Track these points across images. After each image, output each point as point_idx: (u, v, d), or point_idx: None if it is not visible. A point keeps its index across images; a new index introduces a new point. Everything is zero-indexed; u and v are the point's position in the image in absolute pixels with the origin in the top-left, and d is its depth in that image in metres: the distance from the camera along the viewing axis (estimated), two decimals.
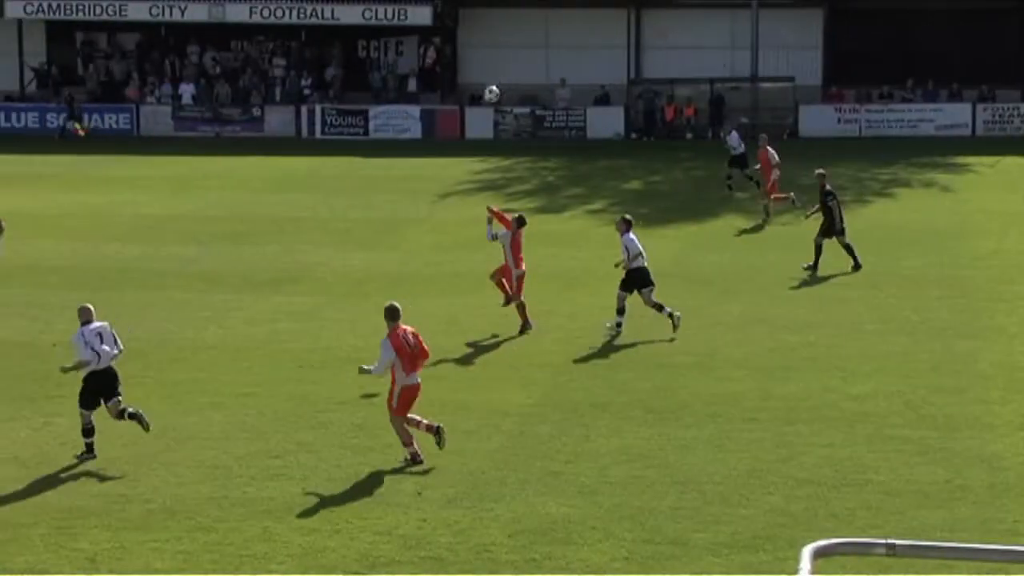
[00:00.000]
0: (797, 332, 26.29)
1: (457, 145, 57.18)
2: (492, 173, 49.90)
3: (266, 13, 62.69)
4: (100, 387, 19.30)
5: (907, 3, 60.50)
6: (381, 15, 62.24)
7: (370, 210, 41.36)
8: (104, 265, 33.30)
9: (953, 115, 58.72)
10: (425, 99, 62.75)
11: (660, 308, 26.40)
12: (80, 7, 62.70)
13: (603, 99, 61.56)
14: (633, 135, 60.11)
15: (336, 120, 61.03)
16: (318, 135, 60.47)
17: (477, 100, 62.62)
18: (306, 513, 17.27)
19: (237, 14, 62.82)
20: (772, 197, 38.92)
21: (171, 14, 62.92)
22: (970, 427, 20.43)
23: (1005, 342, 25.34)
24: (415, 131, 59.88)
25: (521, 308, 26.93)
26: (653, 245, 35.85)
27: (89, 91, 64.18)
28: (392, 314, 19.28)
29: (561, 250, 34.72)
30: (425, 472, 18.78)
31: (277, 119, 61.79)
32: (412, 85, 63.51)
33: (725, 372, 23.63)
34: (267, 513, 17.23)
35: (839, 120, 58.93)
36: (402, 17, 62.31)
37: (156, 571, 15.64)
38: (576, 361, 24.58)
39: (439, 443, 19.27)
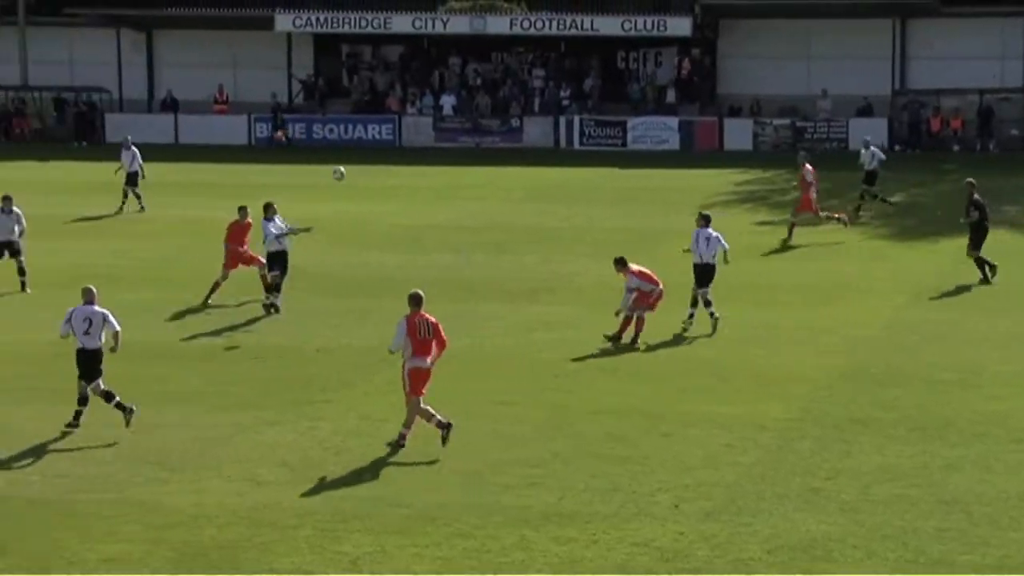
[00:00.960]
0: None
1: (715, 156, 56.86)
2: (751, 184, 49.48)
3: (526, 25, 63.27)
4: (82, 365, 20.88)
5: None
6: (640, 26, 62.27)
7: (627, 220, 41.34)
8: (364, 273, 33.95)
9: None
10: (683, 110, 62.55)
11: (708, 304, 27.47)
12: (347, 20, 64.18)
13: (866, 110, 60.56)
14: (897, 147, 58.94)
15: (594, 131, 61.25)
16: (576, 146, 60.75)
17: (736, 111, 62.19)
18: (563, 523, 17.31)
19: (498, 26, 63.55)
20: (822, 215, 38.09)
21: (434, 26, 63.98)
22: None
23: None
24: (673, 142, 59.73)
25: None
26: (916, 258, 35.18)
27: (353, 102, 65.60)
28: (415, 301, 20.64)
29: (821, 263, 34.22)
30: (682, 486, 18.68)
31: (536, 130, 62.29)
32: (671, 96, 63.37)
33: (992, 390, 22.98)
34: (524, 522, 17.32)
35: None
36: (661, 28, 62.24)
37: (416, 575, 15.85)
38: (836, 376, 24.17)
39: (444, 440, 20.10)
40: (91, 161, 48.95)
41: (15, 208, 32.09)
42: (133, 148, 44.27)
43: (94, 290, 21.45)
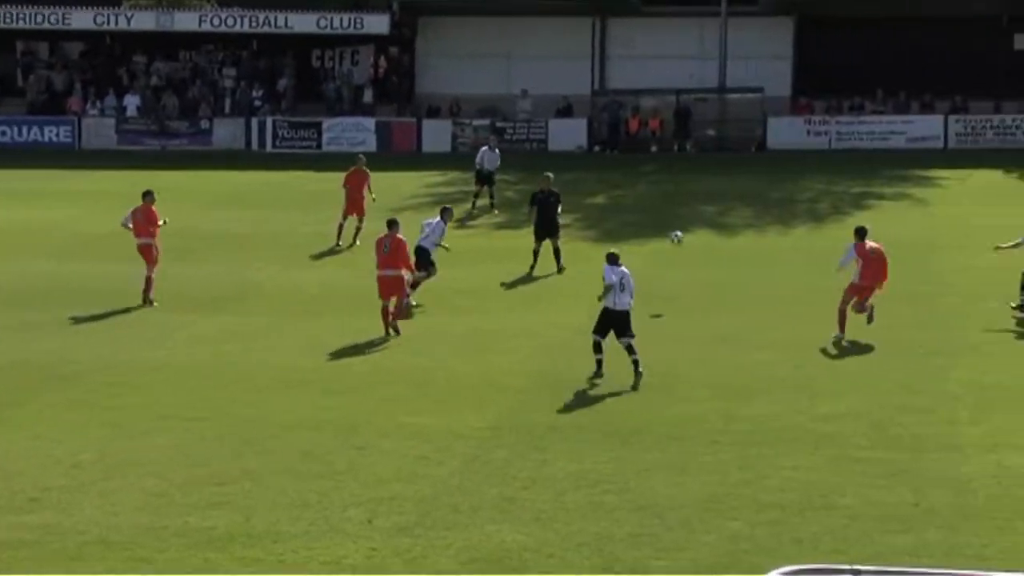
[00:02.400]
0: (762, 350, 26.35)
1: (413, 159, 57.16)
2: (449, 187, 49.88)
3: (216, 22, 62.58)
4: None
5: (879, 11, 60.76)
6: (336, 24, 62.18)
7: (322, 225, 41.22)
8: (35, 284, 33.11)
9: (924, 127, 59.00)
10: (381, 111, 62.72)
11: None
12: (21, 15, 62.45)
13: (566, 110, 61.64)
14: (596, 148, 60.20)
15: (288, 133, 60.92)
16: (269, 148, 60.32)
17: (435, 112, 62.63)
18: (250, 543, 17.17)
19: (186, 23, 62.71)
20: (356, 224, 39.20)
21: (117, 23, 62.73)
22: (938, 448, 20.53)
23: (975, 361, 25.47)
24: (370, 144, 59.78)
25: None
26: None
27: (29, 103, 63.86)
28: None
29: (521, 267, 34.63)
30: (376, 500, 18.72)
31: (226, 132, 61.64)
32: (368, 96, 63.47)
33: (687, 392, 23.66)
34: (208, 544, 17.13)
35: (808, 132, 59.12)
36: (358, 26, 62.27)
37: None
38: (534, 381, 24.56)
39: None
40: None
41: None
42: None
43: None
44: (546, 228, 34.76)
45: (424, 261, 30.93)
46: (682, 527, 17.63)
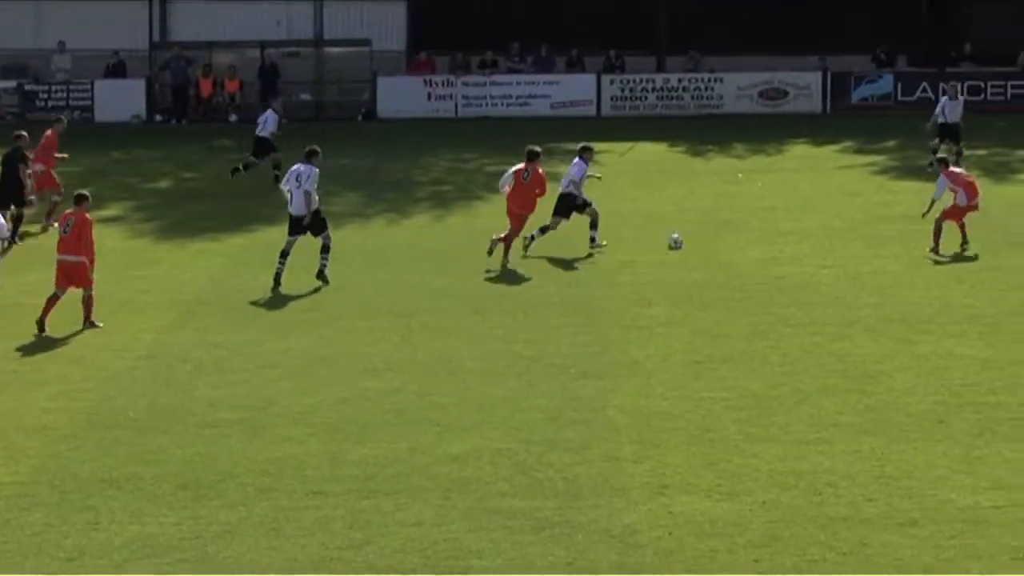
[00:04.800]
0: (376, 376, 26.54)
1: None
2: None
3: None
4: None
5: None
6: None
7: None
8: None
9: (573, 90, 60.47)
10: None
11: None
12: None
13: (117, 69, 60.98)
14: (158, 117, 59.76)
15: None
16: None
17: None
18: None
19: None
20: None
21: None
22: (596, 493, 20.97)
23: (639, 382, 26.14)
24: None
25: None
26: (186, 262, 35.77)
27: None
28: None
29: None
30: None
31: None
32: None
33: (282, 431, 23.67)
34: None
35: (429, 96, 59.94)
36: None
37: None
38: (82, 422, 24.23)
39: None
40: None
41: None
42: None
43: None
44: (8, 193, 36.80)
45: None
46: None
